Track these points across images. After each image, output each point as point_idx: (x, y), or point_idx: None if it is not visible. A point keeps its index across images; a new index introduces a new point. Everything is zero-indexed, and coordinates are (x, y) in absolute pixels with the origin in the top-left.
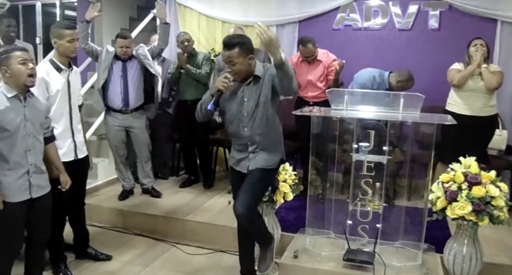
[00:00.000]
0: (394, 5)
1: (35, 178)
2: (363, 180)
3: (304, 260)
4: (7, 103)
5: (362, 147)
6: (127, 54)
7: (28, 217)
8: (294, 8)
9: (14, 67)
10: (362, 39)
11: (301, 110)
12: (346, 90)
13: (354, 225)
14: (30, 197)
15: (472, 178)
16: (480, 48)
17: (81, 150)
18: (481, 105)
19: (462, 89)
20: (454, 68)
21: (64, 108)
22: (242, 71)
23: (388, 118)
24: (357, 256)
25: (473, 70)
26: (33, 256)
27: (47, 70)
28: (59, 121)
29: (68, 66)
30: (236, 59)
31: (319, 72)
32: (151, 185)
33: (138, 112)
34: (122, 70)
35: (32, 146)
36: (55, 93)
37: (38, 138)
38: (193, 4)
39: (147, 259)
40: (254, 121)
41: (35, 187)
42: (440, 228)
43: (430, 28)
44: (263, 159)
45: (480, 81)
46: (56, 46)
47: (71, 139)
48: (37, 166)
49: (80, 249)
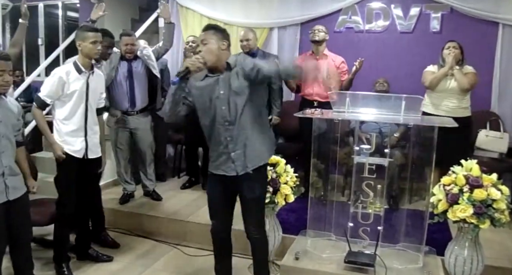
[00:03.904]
0: (395, 8)
1: (10, 180)
2: (364, 182)
3: (305, 262)
4: None
5: (363, 149)
6: (132, 51)
7: (8, 219)
8: (296, 10)
9: None
10: (363, 41)
11: (303, 112)
12: (348, 93)
13: (355, 227)
14: (7, 199)
15: (474, 181)
16: (452, 50)
17: (92, 150)
18: (454, 106)
19: (436, 90)
20: (428, 70)
21: (79, 108)
22: (212, 53)
23: (390, 120)
24: (358, 258)
25: (445, 72)
26: (20, 256)
27: (68, 70)
28: (72, 119)
29: (90, 68)
30: (209, 39)
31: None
32: (152, 188)
33: (144, 113)
34: (128, 70)
35: (5, 147)
36: (71, 93)
37: (10, 139)
38: (195, 6)
39: (148, 261)
40: (233, 114)
41: (11, 189)
42: (441, 231)
43: (432, 30)
44: (251, 157)
45: (453, 82)
46: (80, 48)
47: (83, 138)
48: (11, 167)
49: (82, 250)
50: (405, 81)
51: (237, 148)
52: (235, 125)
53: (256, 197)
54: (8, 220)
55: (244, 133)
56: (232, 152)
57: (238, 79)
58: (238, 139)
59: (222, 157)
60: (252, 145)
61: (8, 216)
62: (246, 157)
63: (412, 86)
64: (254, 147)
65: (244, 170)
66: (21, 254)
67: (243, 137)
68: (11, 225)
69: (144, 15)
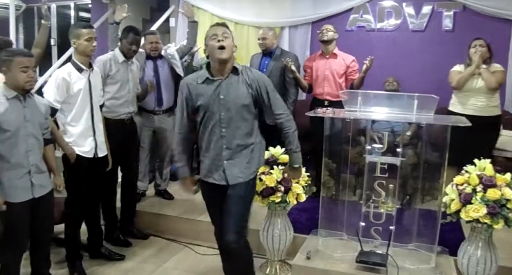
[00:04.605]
0: (407, 6)
1: (37, 178)
2: (376, 181)
3: (317, 262)
4: (7, 104)
5: (375, 148)
6: (157, 49)
7: (32, 216)
8: (307, 9)
9: (14, 71)
10: (375, 40)
11: (315, 111)
12: (359, 91)
13: (367, 227)
14: (32, 197)
15: (487, 181)
16: (479, 49)
17: (101, 149)
18: (483, 105)
19: (463, 89)
20: (454, 70)
21: (85, 107)
22: (230, 48)
23: (402, 119)
24: (370, 258)
25: (472, 71)
26: (38, 254)
27: (69, 71)
28: (80, 120)
29: (89, 66)
30: (229, 34)
31: (337, 68)
32: (165, 187)
33: (169, 113)
34: (154, 69)
35: (33, 146)
36: (77, 93)
37: (38, 138)
38: (205, 5)
39: (159, 259)
40: (232, 122)
41: (37, 186)
42: (453, 231)
43: (444, 29)
44: (241, 169)
45: (480, 81)
46: (75, 46)
47: (92, 137)
48: (38, 166)
49: (94, 249)
50: (417, 80)
51: (230, 157)
52: (231, 133)
53: (241, 195)
54: (32, 218)
55: (238, 142)
56: (225, 160)
57: (245, 87)
58: (232, 147)
59: (214, 164)
60: (246, 155)
61: (32, 214)
62: (238, 168)
63: (424, 85)
64: (247, 158)
65: (234, 181)
66: (40, 252)
67: (238, 146)
68: (34, 223)
69: (155, 15)
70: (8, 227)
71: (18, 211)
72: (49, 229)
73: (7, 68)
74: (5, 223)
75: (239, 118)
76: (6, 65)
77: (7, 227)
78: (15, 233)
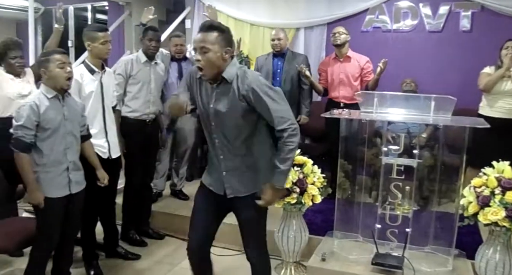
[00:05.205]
0: (424, 6)
1: (74, 175)
2: (392, 183)
3: (332, 263)
4: (47, 103)
5: (391, 150)
6: (182, 51)
7: (65, 212)
8: (323, 10)
9: (52, 70)
10: (391, 41)
11: (331, 113)
12: (376, 93)
13: (383, 229)
14: (69, 192)
15: (506, 183)
16: (510, 51)
17: (114, 150)
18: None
19: (492, 92)
20: (484, 72)
21: (97, 109)
22: (213, 64)
23: (419, 121)
24: (386, 261)
25: (502, 74)
26: (63, 251)
27: (81, 72)
28: (93, 122)
29: (101, 68)
30: (211, 46)
31: (352, 70)
32: (180, 187)
33: (192, 114)
34: (178, 71)
35: (71, 144)
36: (88, 95)
37: (76, 136)
38: (221, 6)
39: (175, 259)
40: (225, 131)
41: (74, 183)
42: (470, 234)
43: (462, 29)
44: (243, 182)
45: (510, 84)
46: (90, 48)
47: (105, 139)
48: (75, 163)
49: (110, 248)
50: (434, 81)
51: (229, 169)
52: (226, 143)
53: (250, 219)
54: (64, 214)
55: (237, 152)
56: (224, 171)
57: (237, 99)
58: (229, 158)
59: (213, 173)
60: (249, 166)
61: (65, 210)
62: (238, 182)
63: (441, 86)
64: (251, 169)
65: (234, 194)
66: (65, 249)
67: (236, 156)
68: (66, 219)
69: (171, 16)
70: (44, 222)
71: (55, 206)
72: (77, 225)
73: (45, 68)
74: (41, 218)
75: (233, 128)
76: (44, 66)
77: (43, 222)
78: (50, 228)
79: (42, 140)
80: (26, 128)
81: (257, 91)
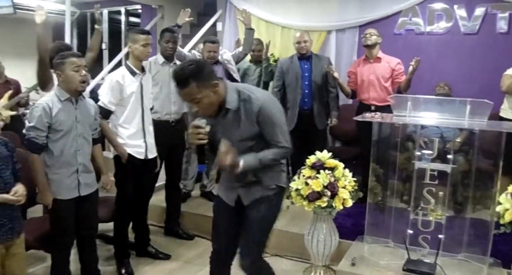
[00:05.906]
0: (459, 8)
1: (84, 177)
2: (425, 188)
3: (362, 268)
4: (60, 106)
5: (425, 154)
6: (214, 58)
7: (76, 214)
8: (355, 12)
9: (67, 73)
10: (425, 43)
11: (363, 116)
12: (409, 96)
13: (415, 234)
14: (78, 195)
15: None
16: None
17: (151, 151)
18: None
19: None
20: (507, 74)
21: (137, 110)
22: (212, 104)
23: (454, 125)
24: (418, 267)
25: None
26: (85, 250)
27: (123, 74)
28: (131, 122)
29: (141, 70)
30: (199, 95)
31: (382, 72)
32: (211, 188)
33: None
34: None
35: (82, 146)
36: (129, 95)
37: (87, 138)
38: (253, 9)
39: (204, 260)
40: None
41: (83, 185)
42: (507, 242)
43: (499, 31)
44: (258, 188)
45: None
46: (131, 50)
47: (143, 139)
48: (85, 165)
49: (141, 247)
50: (469, 85)
51: (243, 184)
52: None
53: (259, 216)
54: (76, 215)
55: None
56: (238, 187)
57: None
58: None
59: (228, 187)
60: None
61: (76, 211)
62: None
63: (476, 90)
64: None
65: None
66: (86, 248)
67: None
68: (79, 220)
69: (202, 19)
70: (56, 224)
71: (65, 208)
72: (93, 226)
73: (61, 70)
74: (53, 219)
75: (243, 147)
76: (60, 68)
77: (55, 223)
78: (62, 229)
79: (53, 141)
80: (38, 129)
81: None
